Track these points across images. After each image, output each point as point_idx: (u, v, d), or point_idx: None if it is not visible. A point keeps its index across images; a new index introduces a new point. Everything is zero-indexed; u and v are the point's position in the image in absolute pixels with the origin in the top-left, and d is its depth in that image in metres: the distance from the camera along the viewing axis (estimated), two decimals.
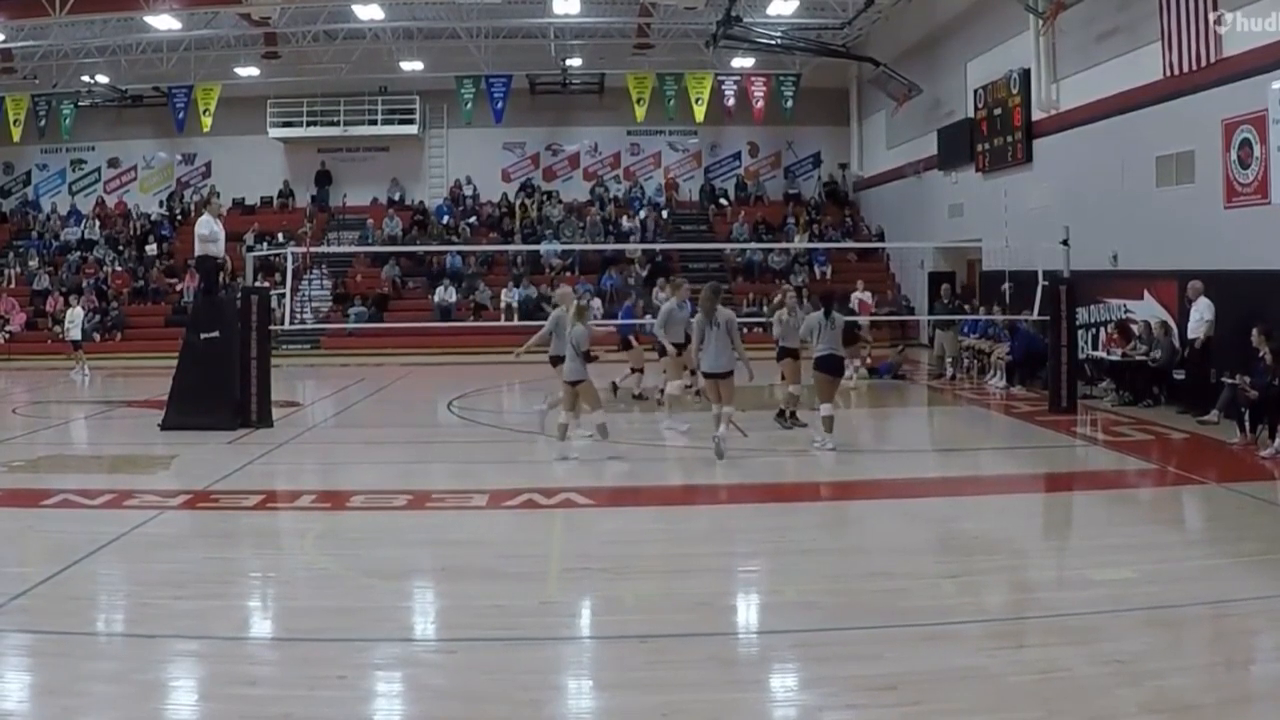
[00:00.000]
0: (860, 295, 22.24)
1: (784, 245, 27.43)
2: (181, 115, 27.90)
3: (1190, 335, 13.55)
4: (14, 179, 31.40)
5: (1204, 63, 14.01)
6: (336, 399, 17.52)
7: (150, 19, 23.11)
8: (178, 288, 27.01)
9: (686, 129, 30.14)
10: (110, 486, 9.42)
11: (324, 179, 30.65)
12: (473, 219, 29.55)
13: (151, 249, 29.01)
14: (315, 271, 27.92)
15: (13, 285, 27.50)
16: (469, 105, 28.33)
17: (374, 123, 29.84)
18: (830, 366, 11.31)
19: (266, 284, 16.02)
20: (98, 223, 30.16)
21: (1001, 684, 4.96)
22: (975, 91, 21.58)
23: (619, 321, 15.49)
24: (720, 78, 28.40)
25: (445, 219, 29.40)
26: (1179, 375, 13.81)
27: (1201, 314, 13.33)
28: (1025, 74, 19.25)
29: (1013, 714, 4.66)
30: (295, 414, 15.04)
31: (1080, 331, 15.50)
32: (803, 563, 7.16)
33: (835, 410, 11.38)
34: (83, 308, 23.09)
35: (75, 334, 21.77)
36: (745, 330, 23.07)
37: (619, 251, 27.32)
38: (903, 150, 26.37)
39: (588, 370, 10.74)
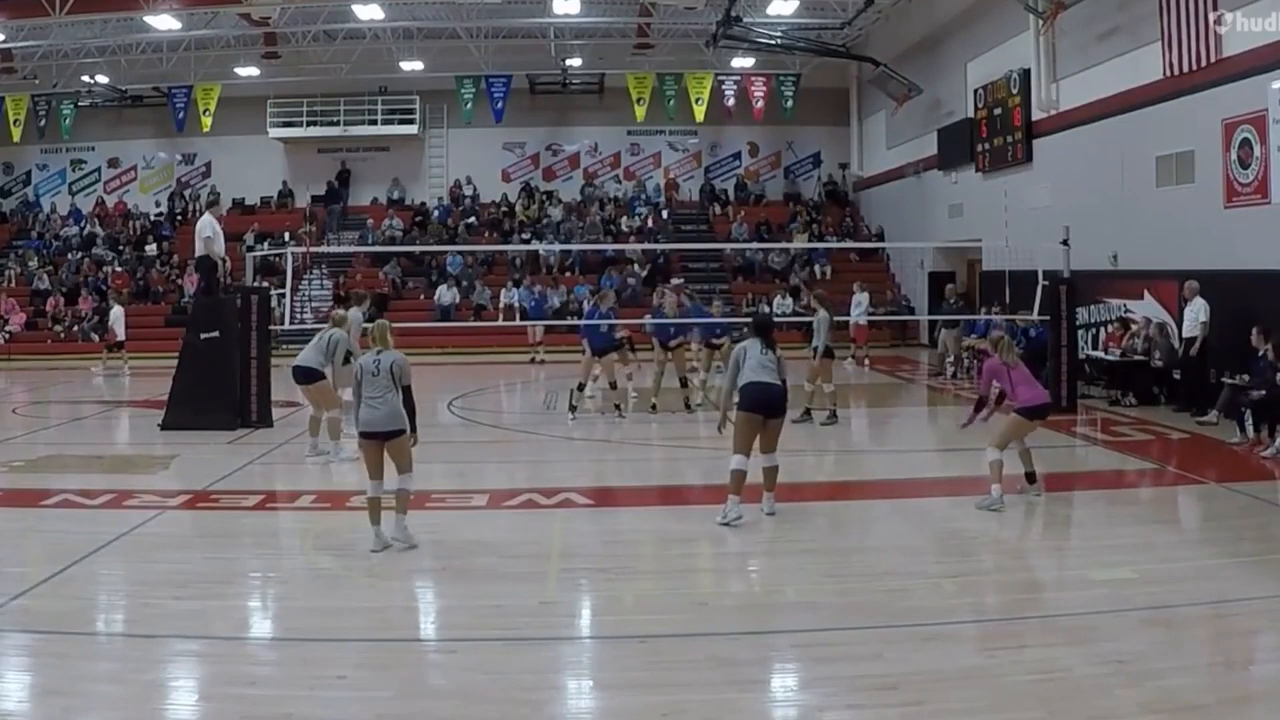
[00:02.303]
0: (858, 296, 22.04)
1: (784, 245, 27.43)
2: (181, 115, 27.89)
3: (1186, 335, 13.57)
4: (14, 179, 31.39)
5: (1204, 63, 14.01)
6: None
7: (150, 19, 23.09)
8: (178, 281, 27.00)
9: (686, 129, 30.12)
10: (110, 486, 9.42)
11: (344, 178, 30.66)
12: (472, 219, 29.55)
13: (151, 249, 29.01)
14: (315, 271, 27.92)
15: (13, 285, 27.50)
16: (469, 105, 28.32)
17: (374, 123, 29.83)
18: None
19: (266, 284, 16.02)
20: (98, 223, 30.17)
21: (1001, 684, 4.96)
22: (975, 91, 21.58)
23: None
24: (720, 78, 28.38)
25: (445, 219, 29.40)
26: (1175, 375, 13.85)
27: (1197, 314, 13.33)
28: (1025, 74, 19.25)
29: (1013, 714, 4.66)
30: (295, 414, 15.01)
31: (1080, 331, 15.51)
32: (803, 563, 7.16)
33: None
34: (121, 306, 22.92)
35: (120, 333, 21.80)
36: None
37: (619, 251, 27.33)
38: (903, 150, 26.37)
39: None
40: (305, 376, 10.94)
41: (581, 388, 13.90)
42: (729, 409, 8.32)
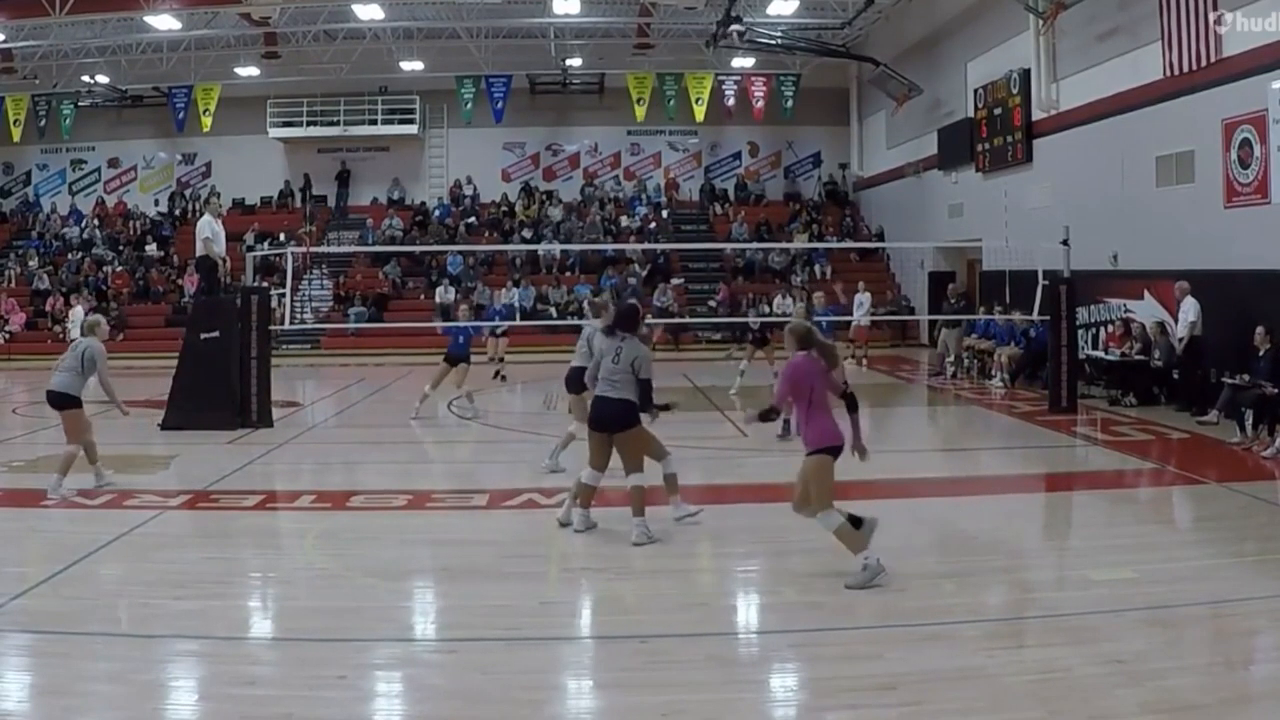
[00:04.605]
0: (860, 296, 21.99)
1: (784, 245, 27.43)
2: (181, 115, 27.91)
3: (1178, 335, 13.74)
4: (14, 179, 31.41)
5: (1204, 63, 14.01)
6: (336, 399, 17.52)
7: (150, 19, 23.10)
8: (178, 281, 27.02)
9: (686, 129, 30.14)
10: (110, 486, 9.41)
11: (344, 178, 30.68)
12: (472, 219, 29.56)
13: (151, 249, 29.02)
14: (315, 271, 27.93)
15: (13, 285, 27.50)
16: (469, 105, 28.34)
17: (374, 123, 29.86)
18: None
19: (266, 284, 16.03)
20: (98, 223, 30.18)
21: (1001, 684, 4.96)
22: (975, 91, 21.58)
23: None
24: (720, 78, 28.40)
25: (446, 219, 29.43)
26: (1175, 375, 13.91)
27: (1186, 314, 13.49)
28: (1025, 74, 19.25)
29: (1013, 714, 4.67)
30: (295, 414, 15.05)
31: (1080, 331, 15.51)
32: (803, 563, 7.15)
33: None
34: (83, 307, 23.05)
35: (76, 333, 21.75)
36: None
37: (619, 251, 27.33)
38: (903, 150, 26.37)
39: None
40: (61, 402, 9.33)
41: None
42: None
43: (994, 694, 4.85)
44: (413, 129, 30.07)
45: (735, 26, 22.45)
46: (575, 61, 28.55)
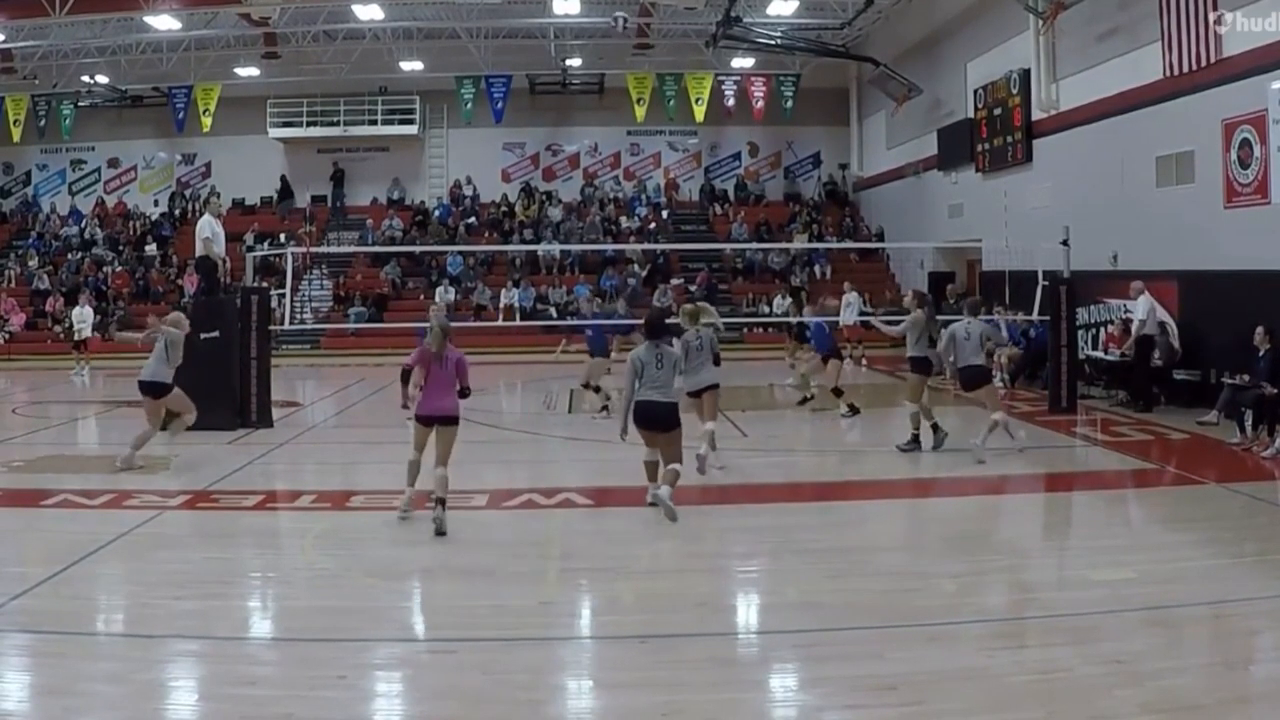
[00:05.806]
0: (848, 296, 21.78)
1: (784, 245, 27.43)
2: (181, 115, 27.90)
3: (1134, 333, 14.13)
4: (14, 179, 31.38)
5: (1204, 63, 14.01)
6: (336, 399, 17.53)
7: (150, 19, 23.11)
8: (178, 281, 27.01)
9: (686, 129, 30.13)
10: (110, 486, 9.42)
11: (339, 179, 30.66)
12: (472, 219, 29.56)
13: (151, 249, 29.02)
14: (315, 271, 27.93)
15: (13, 285, 27.50)
16: (469, 105, 28.33)
17: (374, 123, 29.84)
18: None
19: (266, 284, 16.03)
20: (98, 223, 30.18)
21: (1002, 684, 4.96)
22: (975, 91, 21.58)
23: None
24: (720, 78, 28.40)
25: (446, 219, 29.43)
26: (1176, 375, 13.98)
27: (1136, 312, 14.07)
28: (1025, 74, 19.25)
29: (1013, 714, 4.67)
30: (295, 414, 15.05)
31: (1080, 331, 15.53)
32: (803, 563, 7.15)
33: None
34: (89, 307, 22.98)
35: (86, 333, 21.82)
36: (748, 330, 23.17)
37: (619, 251, 27.34)
38: (903, 150, 26.37)
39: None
40: (157, 390, 10.58)
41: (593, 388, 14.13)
42: (627, 419, 8.44)
43: (994, 694, 4.85)
44: (412, 129, 30.06)
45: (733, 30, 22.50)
46: (575, 61, 28.54)
